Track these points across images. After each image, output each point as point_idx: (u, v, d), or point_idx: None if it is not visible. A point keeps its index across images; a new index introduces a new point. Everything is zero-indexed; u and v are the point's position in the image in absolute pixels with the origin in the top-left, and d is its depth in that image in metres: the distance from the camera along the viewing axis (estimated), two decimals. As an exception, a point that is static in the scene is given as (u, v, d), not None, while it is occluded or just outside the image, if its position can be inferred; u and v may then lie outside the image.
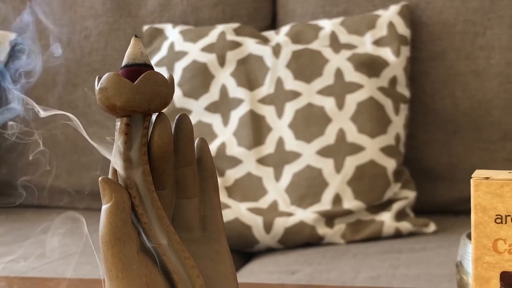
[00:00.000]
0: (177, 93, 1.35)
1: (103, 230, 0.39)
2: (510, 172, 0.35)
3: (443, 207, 1.27)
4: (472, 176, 0.35)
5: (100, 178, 0.39)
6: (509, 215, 0.35)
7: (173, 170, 0.42)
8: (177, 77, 1.35)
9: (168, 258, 0.40)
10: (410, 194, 1.28)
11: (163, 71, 1.37)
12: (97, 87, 0.39)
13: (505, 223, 0.35)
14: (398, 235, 1.22)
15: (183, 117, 0.42)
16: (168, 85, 0.40)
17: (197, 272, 0.40)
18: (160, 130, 0.40)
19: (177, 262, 0.40)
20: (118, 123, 0.40)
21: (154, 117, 0.41)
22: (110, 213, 0.38)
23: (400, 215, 1.25)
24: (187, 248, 0.41)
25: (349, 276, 0.98)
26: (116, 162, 0.40)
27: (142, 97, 0.38)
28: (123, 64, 0.40)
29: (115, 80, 0.38)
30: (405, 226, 1.23)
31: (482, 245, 0.35)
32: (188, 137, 0.42)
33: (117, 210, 0.38)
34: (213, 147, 1.32)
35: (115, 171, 0.40)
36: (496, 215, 0.35)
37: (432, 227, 1.24)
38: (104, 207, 0.39)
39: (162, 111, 0.40)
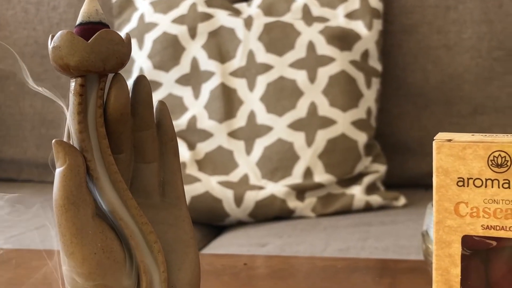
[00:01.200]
0: (147, 65, 1.33)
1: (56, 194, 0.37)
2: (473, 135, 0.35)
3: (413, 180, 1.27)
4: (434, 138, 0.34)
5: (53, 141, 0.37)
6: (471, 178, 0.34)
7: (131, 134, 0.41)
8: (147, 49, 1.33)
9: (125, 223, 0.39)
10: (381, 168, 1.28)
11: (133, 42, 1.35)
12: (50, 46, 0.37)
13: (467, 186, 0.34)
14: (368, 208, 1.22)
15: (141, 78, 0.41)
16: (124, 45, 0.38)
17: (155, 237, 0.39)
18: (116, 92, 0.39)
19: (134, 227, 0.39)
20: (72, 84, 0.38)
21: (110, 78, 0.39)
22: (63, 177, 0.37)
23: (371, 189, 1.25)
24: (145, 213, 0.40)
25: (319, 248, 0.98)
26: (71, 124, 0.38)
27: (96, 56, 0.37)
28: (77, 22, 0.38)
29: (68, 39, 0.37)
30: (375, 199, 1.23)
31: (444, 208, 0.35)
32: (146, 99, 0.40)
33: (71, 174, 0.37)
34: (183, 120, 1.30)
35: (70, 134, 0.39)
36: (458, 178, 0.34)
37: (402, 200, 1.25)
38: (58, 171, 0.37)
39: (119, 71, 0.39)
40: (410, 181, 1.29)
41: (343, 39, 1.29)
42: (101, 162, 0.39)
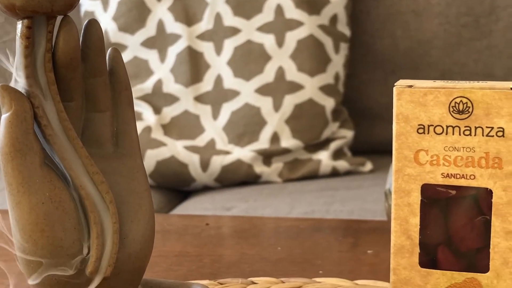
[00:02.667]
0: (112, 27, 1.30)
1: (2, 142, 0.35)
2: (434, 81, 0.34)
3: (380, 146, 1.27)
4: (395, 84, 0.33)
5: (-1, 86, 0.36)
6: (432, 125, 0.33)
7: (81, 81, 0.39)
8: (112, 11, 1.30)
9: (74, 172, 0.37)
10: (348, 134, 1.27)
11: (97, 4, 1.32)
12: (-6, -15, 0.35)
13: (428, 133, 0.33)
14: (335, 173, 1.22)
15: (92, 22, 0.39)
16: (73, -15, 0.36)
17: (106, 188, 0.37)
18: (65, 35, 0.37)
19: (85, 177, 0.37)
20: (19, 26, 0.36)
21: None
22: (9, 123, 0.35)
23: (338, 154, 1.25)
24: (97, 164, 0.38)
25: (284, 212, 0.97)
26: (18, 69, 0.36)
27: (43, -4, 0.35)
28: (23, -40, 0.36)
29: (13, -23, 0.35)
30: (342, 165, 1.23)
31: (403, 156, 0.34)
32: (98, 44, 0.39)
33: (17, 120, 0.35)
34: (149, 84, 1.28)
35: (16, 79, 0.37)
36: (419, 125, 0.34)
37: (368, 166, 1.25)
38: (3, 117, 0.36)
39: (68, 14, 0.37)
40: (377, 147, 1.28)
41: (311, 3, 1.27)
42: (50, 109, 0.37)
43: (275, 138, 1.22)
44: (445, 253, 0.34)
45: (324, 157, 1.22)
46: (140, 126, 1.24)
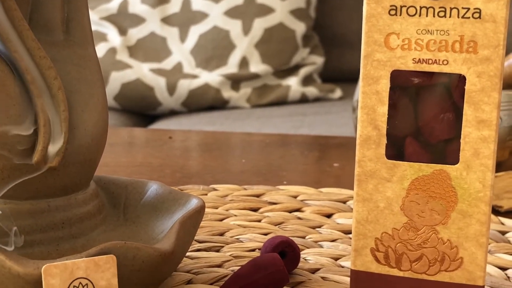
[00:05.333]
0: None
1: None
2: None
3: (350, 74, 1.25)
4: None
5: None
6: (405, 6, 0.31)
7: (28, -43, 0.35)
8: None
9: (19, 55, 0.34)
10: (318, 60, 1.25)
11: None
12: None
13: (400, 14, 0.31)
14: (304, 100, 1.20)
15: None
16: None
17: (54, 73, 0.35)
18: None
19: (31, 61, 0.34)
20: None
21: None
22: None
23: (307, 80, 1.23)
24: (46, 51, 0.35)
25: (250, 134, 0.95)
26: None
27: None
28: None
29: None
30: (311, 91, 1.21)
31: (373, 40, 0.32)
32: None
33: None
34: (114, 3, 1.23)
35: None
36: (391, 5, 0.31)
37: (338, 93, 1.23)
38: None
39: None
40: (347, 74, 1.26)
41: None
42: (-8, -15, 0.34)
43: (243, 62, 1.19)
44: (413, 144, 0.33)
45: (293, 83, 1.20)
46: (104, 47, 1.20)
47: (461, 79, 0.31)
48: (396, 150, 0.33)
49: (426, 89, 0.32)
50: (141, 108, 1.20)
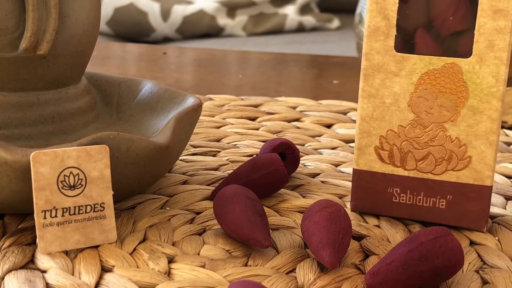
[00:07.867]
0: None
1: None
2: None
3: (349, 5, 1.22)
4: None
5: None
6: None
7: None
8: None
9: None
10: (317, -12, 1.22)
11: None
12: None
13: None
14: (301, 29, 1.18)
15: None
16: None
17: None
18: None
19: None
20: None
21: None
22: None
23: (305, 9, 1.20)
24: None
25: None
26: None
27: None
28: None
29: None
30: (309, 20, 1.18)
31: None
32: None
33: None
34: None
35: None
36: None
37: (335, 23, 1.20)
38: None
39: None
40: (345, 5, 1.23)
41: None
42: None
43: (240, -11, 1.16)
44: (424, 36, 0.31)
45: (290, 12, 1.17)
46: (96, -31, 1.16)
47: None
48: (405, 43, 0.31)
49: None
50: (134, 34, 1.17)
